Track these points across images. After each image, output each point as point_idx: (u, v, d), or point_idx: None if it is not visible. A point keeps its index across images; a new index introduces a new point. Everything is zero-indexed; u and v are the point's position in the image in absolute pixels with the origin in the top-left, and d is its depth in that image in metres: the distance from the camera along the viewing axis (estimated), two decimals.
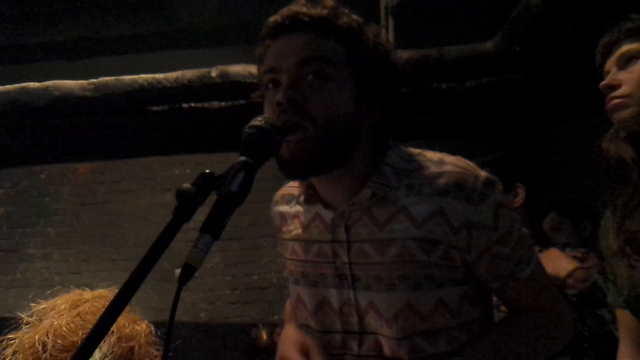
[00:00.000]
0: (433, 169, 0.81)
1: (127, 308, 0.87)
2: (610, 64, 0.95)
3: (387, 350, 0.83)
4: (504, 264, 0.83)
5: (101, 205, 4.22)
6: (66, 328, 0.75)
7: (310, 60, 0.78)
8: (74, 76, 2.53)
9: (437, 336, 0.82)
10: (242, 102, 2.42)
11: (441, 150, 0.85)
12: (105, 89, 2.41)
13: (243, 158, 0.65)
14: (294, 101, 0.76)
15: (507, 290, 0.86)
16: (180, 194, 0.62)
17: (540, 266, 0.88)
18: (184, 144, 2.68)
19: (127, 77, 2.40)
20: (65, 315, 0.77)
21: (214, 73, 2.32)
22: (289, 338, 0.90)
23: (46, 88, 2.41)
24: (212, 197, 0.62)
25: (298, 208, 0.93)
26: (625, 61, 0.91)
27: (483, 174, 0.81)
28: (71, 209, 4.26)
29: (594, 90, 2.47)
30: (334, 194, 0.86)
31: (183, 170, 4.15)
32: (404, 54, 2.19)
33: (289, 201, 0.96)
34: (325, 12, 0.79)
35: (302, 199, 0.90)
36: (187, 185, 0.63)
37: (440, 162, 0.82)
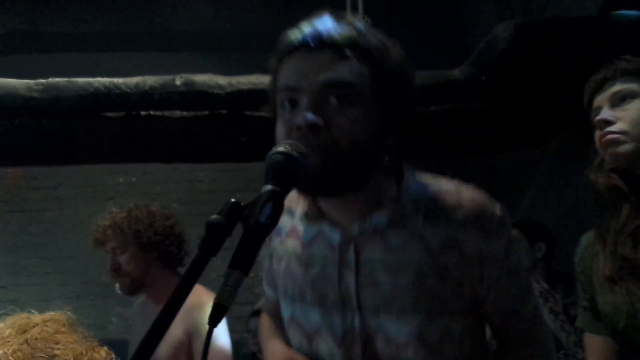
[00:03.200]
0: (450, 200, 0.81)
1: (85, 333, 0.79)
2: (602, 100, 0.95)
3: None
4: (509, 298, 0.84)
5: (33, 213, 3.88)
6: (13, 357, 0.67)
7: (335, 84, 0.72)
8: (8, 73, 2.30)
9: None
10: (206, 112, 2.33)
11: None
12: (55, 90, 2.22)
13: (270, 187, 0.62)
14: (315, 127, 0.72)
15: (506, 325, 0.86)
16: (212, 226, 0.57)
17: (537, 302, 0.90)
18: (138, 152, 2.53)
19: (80, 80, 2.23)
20: (11, 342, 0.69)
21: (178, 81, 2.21)
22: (280, 354, 0.89)
23: None
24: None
25: (295, 223, 0.89)
26: (620, 99, 0.92)
27: (498, 209, 0.81)
28: None
29: (543, 122, 2.60)
30: (343, 214, 0.83)
31: (128, 178, 3.91)
32: None
33: (285, 214, 0.90)
34: (352, 32, 0.74)
35: (302, 215, 0.86)
36: (217, 216, 0.59)
37: (457, 193, 0.82)
